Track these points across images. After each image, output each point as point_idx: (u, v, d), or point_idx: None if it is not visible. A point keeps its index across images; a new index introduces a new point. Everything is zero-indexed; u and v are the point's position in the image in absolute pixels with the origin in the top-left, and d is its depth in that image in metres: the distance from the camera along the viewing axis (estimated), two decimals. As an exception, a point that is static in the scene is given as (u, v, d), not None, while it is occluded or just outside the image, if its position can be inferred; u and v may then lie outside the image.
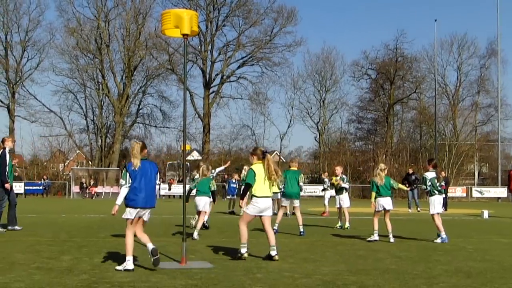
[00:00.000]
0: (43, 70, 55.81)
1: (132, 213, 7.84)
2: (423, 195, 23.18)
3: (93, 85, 56.69)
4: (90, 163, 57.65)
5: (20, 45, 54.98)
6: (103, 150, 55.71)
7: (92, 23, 54.74)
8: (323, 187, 23.58)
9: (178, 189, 45.22)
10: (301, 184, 13.91)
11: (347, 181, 16.59)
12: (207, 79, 55.71)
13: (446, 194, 25.63)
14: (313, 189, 47.18)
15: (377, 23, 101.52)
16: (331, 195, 21.09)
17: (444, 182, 22.44)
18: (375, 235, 12.26)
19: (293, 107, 62.12)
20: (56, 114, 56.17)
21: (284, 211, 14.33)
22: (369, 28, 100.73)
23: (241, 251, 9.10)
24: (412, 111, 64.40)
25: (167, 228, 15.13)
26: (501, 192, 48.76)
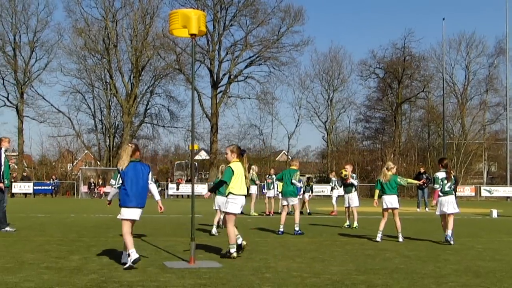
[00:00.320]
0: (52, 70, 56.07)
1: (126, 214, 8.14)
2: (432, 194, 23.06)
3: (101, 85, 56.84)
4: (98, 163, 57.79)
5: (28, 46, 55.16)
6: (111, 150, 55.81)
7: (100, 23, 54.88)
8: (331, 187, 23.55)
9: (186, 189, 45.28)
10: (294, 181, 13.64)
11: (356, 179, 16.57)
12: (215, 79, 55.70)
13: (455, 193, 25.41)
14: (321, 188, 47.08)
15: (385, 22, 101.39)
16: (339, 195, 21.07)
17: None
18: (377, 236, 12.22)
19: (300, 107, 62.12)
20: (64, 114, 56.39)
21: (286, 211, 14.14)
22: (377, 27, 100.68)
23: (230, 251, 9.21)
24: (420, 110, 64.22)
25: (175, 227, 15.16)
26: (510, 191, 48.55)
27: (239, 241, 9.44)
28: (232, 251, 9.18)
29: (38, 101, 56.05)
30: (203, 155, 64.78)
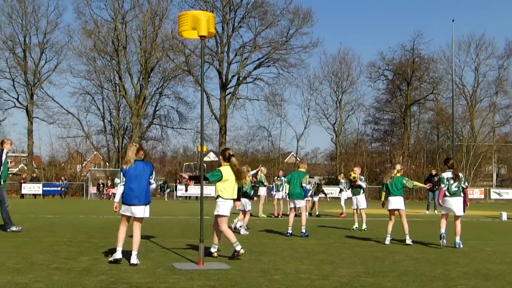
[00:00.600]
0: (61, 72, 56.33)
1: (124, 210, 8.54)
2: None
3: (110, 86, 57.00)
4: (107, 164, 57.97)
5: (38, 47, 55.42)
6: (120, 151, 55.93)
7: (109, 25, 55.05)
8: (340, 188, 23.52)
9: (195, 190, 45.33)
10: (304, 185, 13.62)
11: (364, 181, 16.58)
12: (224, 81, 55.76)
13: (465, 195, 25.19)
14: (329, 190, 46.98)
15: (394, 24, 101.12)
16: (348, 196, 21.04)
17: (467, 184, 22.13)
18: (386, 239, 12.16)
19: (309, 108, 62.05)
20: (73, 115, 56.63)
21: (294, 213, 14.11)
22: (386, 29, 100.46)
23: (236, 249, 9.27)
24: (429, 112, 64.03)
25: (184, 229, 15.19)
26: (519, 193, 48.29)
27: (213, 250, 9.53)
28: (238, 248, 9.22)
29: (47, 103, 56.42)
30: (211, 157, 64.81)
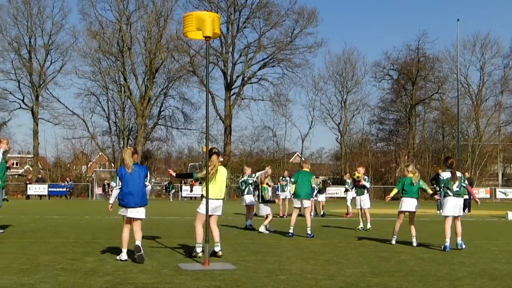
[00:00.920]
0: (66, 73, 56.52)
1: (124, 211, 8.87)
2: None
3: (115, 87, 57.10)
4: (112, 165, 58.04)
5: (43, 49, 55.60)
6: (125, 152, 55.98)
7: (114, 26, 55.17)
8: (345, 188, 23.51)
9: (200, 191, 45.29)
10: (313, 185, 13.69)
11: (368, 181, 16.58)
12: (228, 81, 55.79)
13: (469, 195, 25.16)
14: (334, 190, 46.99)
15: (399, 24, 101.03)
16: (354, 196, 21.05)
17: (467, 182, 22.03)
18: (392, 239, 12.02)
19: (314, 108, 62.07)
20: (79, 116, 56.78)
21: (297, 213, 14.06)
22: (391, 28, 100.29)
23: (197, 250, 9.39)
24: (434, 111, 63.91)
25: (189, 229, 15.16)
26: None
27: (217, 249, 9.48)
28: (198, 250, 9.39)
29: (53, 104, 56.64)
30: (216, 157, 64.72)
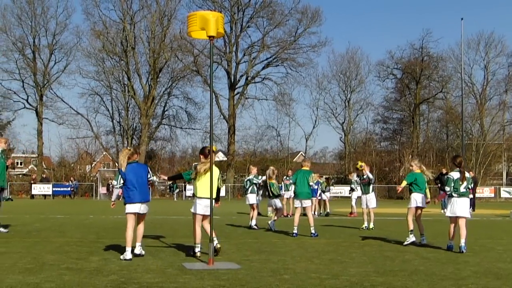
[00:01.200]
0: (70, 73, 56.65)
1: (129, 208, 9.14)
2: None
3: (119, 87, 57.21)
4: (116, 164, 58.10)
5: (47, 49, 55.73)
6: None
7: (117, 25, 55.26)
8: (350, 188, 23.50)
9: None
10: (311, 184, 13.57)
11: (372, 176, 16.51)
12: (232, 80, 55.79)
13: (474, 194, 25.18)
14: (338, 189, 46.95)
15: (403, 23, 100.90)
16: (358, 196, 21.05)
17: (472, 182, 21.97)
18: (411, 237, 11.65)
19: (318, 108, 62.08)
20: (83, 116, 56.91)
21: (299, 213, 14.06)
22: (395, 27, 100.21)
23: (195, 250, 9.48)
24: (438, 110, 63.83)
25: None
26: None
27: (216, 245, 9.41)
28: (196, 250, 9.46)
29: (57, 103, 56.80)
30: (220, 157, 64.89)
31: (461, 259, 9.53)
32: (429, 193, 12.33)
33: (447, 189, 10.85)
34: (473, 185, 11.89)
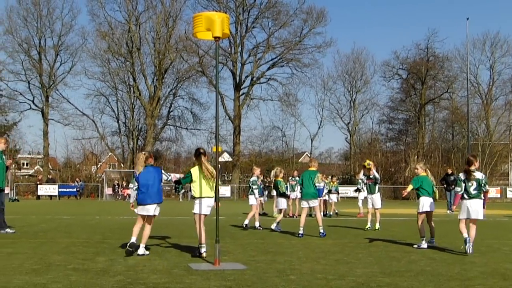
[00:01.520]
0: (76, 74, 56.83)
1: (140, 210, 9.64)
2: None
3: (125, 88, 57.33)
4: (122, 165, 58.25)
5: (53, 50, 55.90)
6: (135, 152, 56.14)
7: (123, 26, 55.39)
8: (356, 188, 23.46)
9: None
10: (317, 184, 13.51)
11: (379, 178, 16.54)
12: (237, 81, 55.81)
13: (485, 195, 24.77)
14: (344, 190, 46.87)
15: (408, 23, 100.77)
16: (365, 196, 21.04)
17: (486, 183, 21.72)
18: (423, 243, 11.38)
19: (323, 108, 62.08)
20: (88, 117, 57.08)
21: (306, 213, 14.05)
22: (400, 28, 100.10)
23: (200, 250, 9.51)
24: (444, 111, 63.72)
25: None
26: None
27: (202, 250, 9.53)
28: (202, 250, 9.50)
29: (63, 104, 56.99)
30: (225, 157, 64.93)
31: (467, 260, 9.51)
32: (437, 193, 12.19)
33: (457, 190, 10.66)
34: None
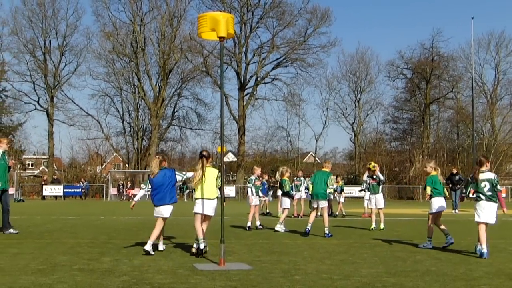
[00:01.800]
0: (81, 74, 57.18)
1: (156, 212, 9.98)
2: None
3: (129, 88, 57.46)
4: (127, 165, 58.33)
5: (58, 50, 56.07)
6: (140, 152, 56.30)
7: (127, 27, 55.48)
8: (361, 188, 23.43)
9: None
10: (330, 186, 13.60)
11: (383, 179, 16.57)
12: (242, 81, 55.81)
13: (461, 192, 24.65)
14: (349, 190, 46.82)
15: (413, 23, 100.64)
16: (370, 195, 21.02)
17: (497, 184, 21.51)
18: (428, 243, 11.28)
19: (328, 108, 62.01)
20: (93, 117, 57.23)
21: (316, 213, 14.15)
22: (405, 27, 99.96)
23: (200, 246, 9.58)
24: (449, 110, 63.59)
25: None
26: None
27: (202, 245, 9.61)
28: (201, 246, 9.58)
29: (67, 105, 57.19)
30: (230, 157, 64.98)
31: (473, 260, 9.49)
32: (447, 192, 12.15)
33: (464, 191, 10.59)
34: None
